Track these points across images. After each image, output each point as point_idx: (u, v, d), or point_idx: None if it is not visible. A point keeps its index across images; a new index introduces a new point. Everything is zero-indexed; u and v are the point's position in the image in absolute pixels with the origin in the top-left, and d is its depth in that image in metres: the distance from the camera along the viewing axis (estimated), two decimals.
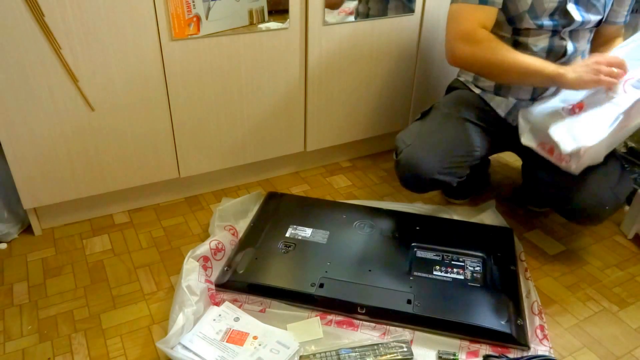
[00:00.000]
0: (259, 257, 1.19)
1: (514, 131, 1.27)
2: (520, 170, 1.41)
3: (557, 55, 1.23)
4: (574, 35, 1.23)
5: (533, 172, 1.26)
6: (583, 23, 1.20)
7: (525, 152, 1.26)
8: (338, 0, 1.39)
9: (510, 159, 1.76)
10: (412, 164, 1.21)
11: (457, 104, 1.31)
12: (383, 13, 1.47)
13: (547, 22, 1.19)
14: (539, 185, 1.25)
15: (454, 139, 1.24)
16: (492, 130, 1.31)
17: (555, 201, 1.22)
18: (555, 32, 1.21)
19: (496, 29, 1.23)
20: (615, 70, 1.06)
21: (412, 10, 1.52)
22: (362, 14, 1.44)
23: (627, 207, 1.37)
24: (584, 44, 1.26)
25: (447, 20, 1.22)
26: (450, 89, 1.45)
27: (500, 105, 1.31)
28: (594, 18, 1.21)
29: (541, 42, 1.22)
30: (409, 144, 1.24)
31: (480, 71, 1.24)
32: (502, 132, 1.32)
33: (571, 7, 1.18)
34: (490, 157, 1.70)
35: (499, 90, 1.31)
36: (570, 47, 1.23)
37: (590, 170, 1.14)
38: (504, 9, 1.20)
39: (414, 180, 1.24)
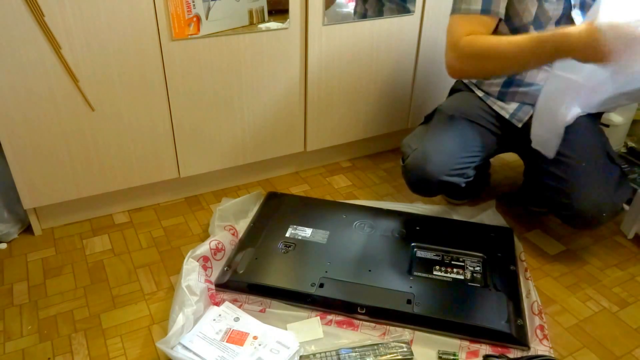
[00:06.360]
0: (259, 257, 1.19)
1: (518, 132, 1.27)
2: (521, 170, 1.41)
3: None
4: None
5: (535, 176, 1.26)
6: None
7: (528, 155, 1.26)
8: None
9: (510, 158, 1.76)
10: (420, 168, 1.21)
11: (461, 106, 1.31)
12: (381, 13, 1.47)
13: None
14: (540, 189, 1.25)
15: (459, 140, 1.24)
16: (496, 132, 1.31)
17: (555, 205, 1.22)
18: None
19: None
20: None
21: (411, 11, 1.52)
22: (361, 14, 1.44)
23: (627, 207, 1.37)
24: None
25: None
26: (453, 91, 1.44)
27: (505, 107, 1.31)
28: None
29: None
30: (415, 148, 1.24)
31: (476, 74, 1.21)
32: (507, 133, 1.31)
33: (575, 14, 1.17)
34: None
35: (502, 96, 1.29)
36: None
37: (590, 176, 1.15)
38: (507, 21, 1.20)
39: (422, 184, 1.23)
